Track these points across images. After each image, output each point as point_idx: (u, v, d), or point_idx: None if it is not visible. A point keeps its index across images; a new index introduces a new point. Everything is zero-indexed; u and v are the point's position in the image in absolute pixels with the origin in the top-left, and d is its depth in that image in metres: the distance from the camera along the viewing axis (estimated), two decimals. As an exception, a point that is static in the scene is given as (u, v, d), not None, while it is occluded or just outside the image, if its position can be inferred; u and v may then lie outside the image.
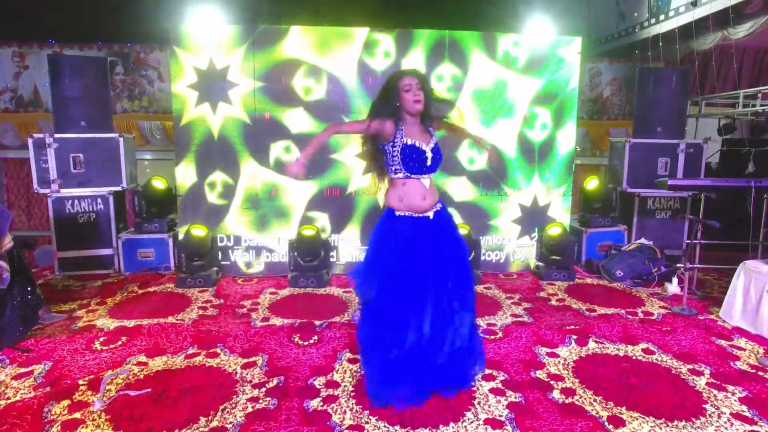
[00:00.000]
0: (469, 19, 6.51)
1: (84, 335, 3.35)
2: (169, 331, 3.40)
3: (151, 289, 4.42)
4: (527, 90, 4.84)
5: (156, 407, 2.45)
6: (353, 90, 4.67)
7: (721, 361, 3.01)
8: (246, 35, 4.60)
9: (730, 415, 2.42)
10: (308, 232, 4.57)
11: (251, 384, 2.70)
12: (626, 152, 5.20)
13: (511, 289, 4.54)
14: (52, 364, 2.92)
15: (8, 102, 6.72)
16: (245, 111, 4.65)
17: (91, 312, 3.84)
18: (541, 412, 2.43)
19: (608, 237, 5.26)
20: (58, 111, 4.81)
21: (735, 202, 5.23)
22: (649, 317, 3.80)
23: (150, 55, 6.86)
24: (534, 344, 3.25)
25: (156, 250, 4.95)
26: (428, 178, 2.56)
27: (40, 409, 2.39)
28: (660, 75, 5.31)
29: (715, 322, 3.66)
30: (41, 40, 6.65)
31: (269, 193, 4.76)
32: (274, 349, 3.15)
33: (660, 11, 6.47)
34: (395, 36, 4.68)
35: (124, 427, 2.29)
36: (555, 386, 2.70)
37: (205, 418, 2.37)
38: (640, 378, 2.79)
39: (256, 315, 3.82)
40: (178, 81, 4.64)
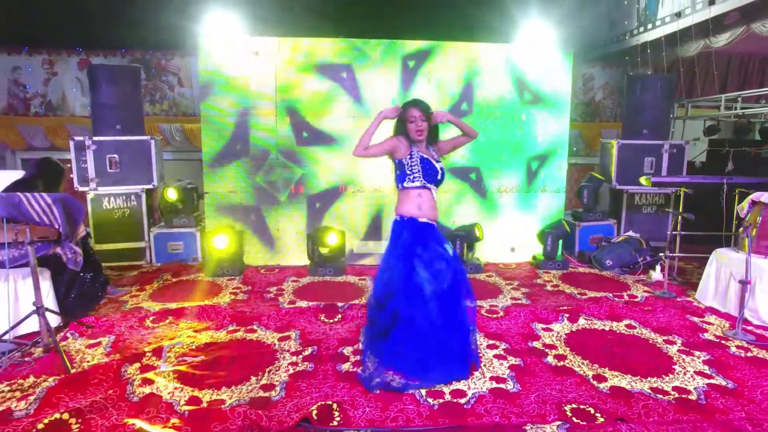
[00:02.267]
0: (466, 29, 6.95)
1: (134, 315, 3.80)
2: (209, 312, 3.85)
3: (183, 278, 4.87)
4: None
5: (212, 369, 2.91)
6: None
7: (691, 333, 3.48)
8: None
9: (694, 372, 2.88)
10: (328, 228, 5.02)
11: (289, 352, 3.16)
12: (615, 152, 5.67)
13: (510, 277, 5.00)
14: (115, 337, 3.37)
15: (38, 107, 7.14)
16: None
17: (134, 297, 4.29)
18: (537, 372, 2.89)
19: (599, 230, 5.73)
20: (96, 116, 5.27)
21: (714, 197, 5.69)
22: (633, 299, 4.27)
23: (170, 62, 7.28)
24: (531, 321, 3.71)
25: (185, 243, 5.40)
26: (435, 191, 2.90)
27: (118, 369, 2.84)
28: (646, 81, 5.78)
29: (690, 303, 4.14)
30: (69, 48, 7.07)
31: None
32: (304, 326, 3.60)
33: (648, 20, 6.94)
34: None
35: (190, 384, 2.74)
36: (549, 353, 3.16)
37: (255, 377, 2.82)
38: (622, 347, 3.26)
39: (283, 299, 4.27)
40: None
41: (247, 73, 5.05)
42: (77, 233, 3.19)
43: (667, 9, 6.54)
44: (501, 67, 5.29)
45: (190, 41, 6.10)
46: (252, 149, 5.15)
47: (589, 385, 2.74)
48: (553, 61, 5.33)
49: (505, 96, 5.31)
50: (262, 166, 5.18)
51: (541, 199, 5.52)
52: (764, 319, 3.59)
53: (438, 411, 2.46)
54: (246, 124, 5.11)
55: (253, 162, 5.17)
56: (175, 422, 2.36)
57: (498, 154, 5.35)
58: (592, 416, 2.42)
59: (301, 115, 5.14)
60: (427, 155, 2.88)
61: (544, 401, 2.54)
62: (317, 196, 5.28)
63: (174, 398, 2.58)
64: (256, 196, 5.24)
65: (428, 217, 2.86)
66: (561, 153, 5.48)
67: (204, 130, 5.10)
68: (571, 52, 5.44)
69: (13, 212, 2.79)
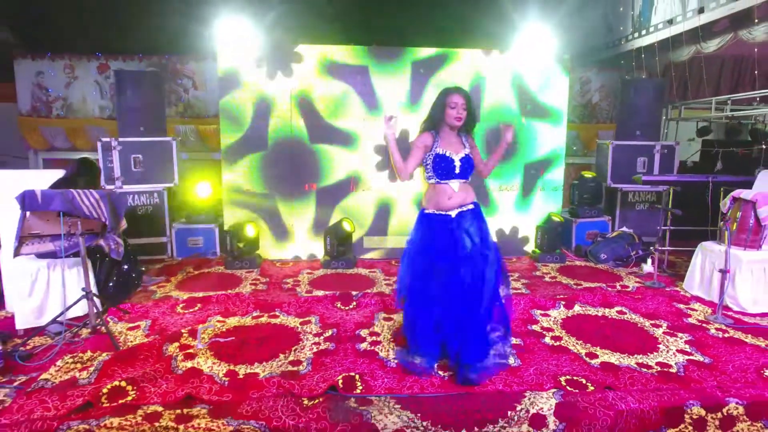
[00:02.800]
0: (466, 35, 7.28)
1: (165, 302, 4.14)
2: (233, 300, 4.18)
3: (205, 270, 5.20)
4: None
5: (243, 348, 3.23)
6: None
7: (676, 318, 3.81)
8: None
9: (676, 350, 3.22)
10: (340, 224, 5.35)
11: (311, 334, 3.49)
12: (610, 153, 6.00)
13: (511, 269, 5.32)
14: (151, 321, 3.70)
15: (59, 109, 7.46)
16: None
17: (162, 287, 4.62)
18: (536, 350, 3.22)
19: (595, 226, 6.06)
20: (122, 118, 5.60)
21: (702, 195, 6.02)
22: (625, 289, 4.60)
23: (186, 66, 7.60)
24: (530, 308, 4.04)
25: (204, 238, 5.73)
26: (457, 183, 2.96)
27: (160, 348, 3.17)
28: (639, 86, 6.11)
29: (678, 292, 4.47)
30: (89, 53, 7.38)
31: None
32: (322, 312, 3.93)
33: (642, 27, 7.27)
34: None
35: (225, 360, 3.07)
36: (546, 335, 3.49)
37: (283, 354, 3.15)
38: (613, 330, 3.59)
39: (300, 289, 4.60)
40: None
41: (263, 77, 5.39)
42: (120, 226, 3.52)
43: (660, 16, 6.87)
44: (503, 74, 5.62)
45: (205, 46, 6.44)
46: (267, 145, 5.47)
47: (581, 361, 3.07)
48: (552, 71, 5.69)
49: (507, 103, 5.65)
50: (276, 162, 5.50)
51: (540, 198, 5.86)
52: (743, 305, 3.92)
53: (448, 381, 2.80)
54: (262, 121, 5.43)
55: (267, 158, 5.49)
56: (217, 390, 2.69)
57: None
58: (584, 385, 2.75)
59: (315, 115, 5.47)
60: (448, 149, 2.93)
61: (541, 373, 2.87)
62: (329, 192, 5.61)
63: (213, 371, 2.92)
64: (270, 191, 5.55)
65: (455, 204, 2.95)
66: (559, 155, 5.82)
67: (222, 125, 5.44)
68: (569, 67, 5.79)
69: (68, 206, 3.12)
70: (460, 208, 2.97)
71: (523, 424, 2.50)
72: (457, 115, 2.90)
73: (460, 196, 2.98)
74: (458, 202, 2.97)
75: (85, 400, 2.52)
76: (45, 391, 2.65)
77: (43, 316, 3.56)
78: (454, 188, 2.96)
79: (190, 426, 2.41)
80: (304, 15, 7.55)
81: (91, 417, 2.43)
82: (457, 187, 2.98)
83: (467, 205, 3.00)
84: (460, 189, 2.98)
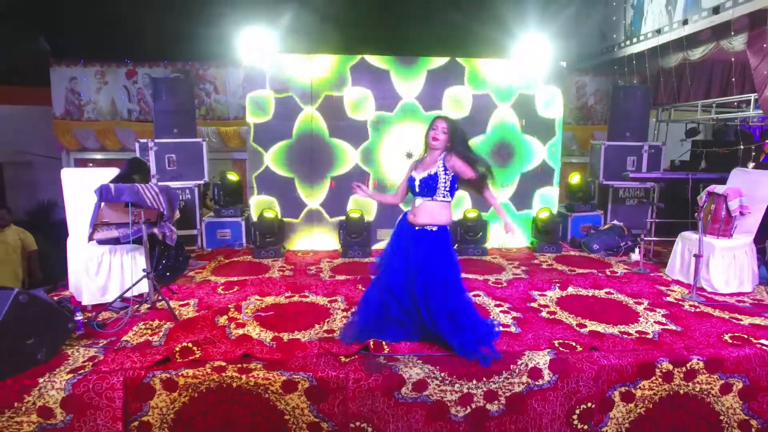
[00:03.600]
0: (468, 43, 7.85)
1: (206, 285, 4.68)
2: (266, 283, 4.72)
3: (234, 259, 5.74)
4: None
5: (282, 321, 3.77)
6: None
7: (657, 297, 4.36)
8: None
9: (654, 322, 3.76)
10: (355, 215, 5.90)
11: (340, 310, 4.03)
12: (602, 152, 6.55)
13: (511, 258, 5.87)
14: (198, 300, 4.24)
15: (90, 112, 8.00)
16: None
17: (199, 273, 5.15)
18: (534, 322, 3.77)
19: (588, 220, 6.60)
20: (157, 121, 6.14)
21: (685, 191, 6.57)
22: (614, 275, 5.15)
23: (207, 72, 8.14)
24: (529, 289, 4.58)
25: (231, 230, 6.28)
26: (420, 201, 3.27)
27: (212, 319, 3.72)
28: (628, 91, 6.66)
29: (660, 277, 5.01)
30: (119, 60, 7.92)
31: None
32: (346, 292, 4.47)
33: (633, 35, 7.80)
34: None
35: (269, 328, 3.61)
36: (543, 310, 4.04)
37: (318, 325, 3.70)
38: (601, 306, 4.13)
39: (323, 274, 5.15)
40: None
41: (286, 83, 5.96)
42: (174, 216, 4.06)
43: (649, 26, 7.40)
44: (506, 82, 6.19)
45: (225, 53, 7.01)
46: (290, 141, 6.05)
47: (572, 330, 3.61)
48: (549, 82, 6.26)
49: (509, 109, 6.23)
50: (296, 158, 6.07)
51: (538, 194, 6.41)
52: (715, 286, 4.46)
53: (460, 344, 3.33)
54: (285, 117, 6.02)
55: (289, 153, 6.06)
56: (267, 350, 3.23)
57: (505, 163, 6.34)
58: (573, 347, 3.29)
59: (333, 115, 6.07)
60: (418, 170, 3.31)
61: (538, 338, 3.41)
62: (344, 186, 6.17)
63: (261, 337, 3.46)
64: (291, 185, 6.12)
65: (418, 222, 3.28)
66: (555, 155, 6.38)
67: (250, 112, 6.04)
68: (562, 86, 6.38)
69: (135, 198, 3.66)
70: (421, 225, 3.27)
71: (523, 376, 3.04)
72: (433, 135, 3.24)
73: (422, 214, 3.25)
74: (420, 220, 3.26)
75: (164, 356, 3.06)
76: (128, 349, 3.20)
77: (105, 294, 4.11)
78: (416, 204, 3.31)
79: (250, 376, 2.96)
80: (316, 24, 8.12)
81: (170, 368, 2.98)
82: (419, 203, 3.28)
83: (430, 226, 3.24)
84: (421, 207, 3.26)
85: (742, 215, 4.50)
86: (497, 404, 3.03)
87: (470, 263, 5.53)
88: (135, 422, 2.94)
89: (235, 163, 8.39)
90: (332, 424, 2.99)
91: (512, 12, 7.64)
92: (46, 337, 3.06)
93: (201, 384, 2.94)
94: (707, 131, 9.42)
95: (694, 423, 3.19)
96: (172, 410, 2.95)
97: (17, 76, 8.26)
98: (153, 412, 2.94)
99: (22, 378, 2.88)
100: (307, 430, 2.99)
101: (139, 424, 2.94)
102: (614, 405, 3.13)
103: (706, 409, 3.18)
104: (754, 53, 5.64)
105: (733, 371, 3.16)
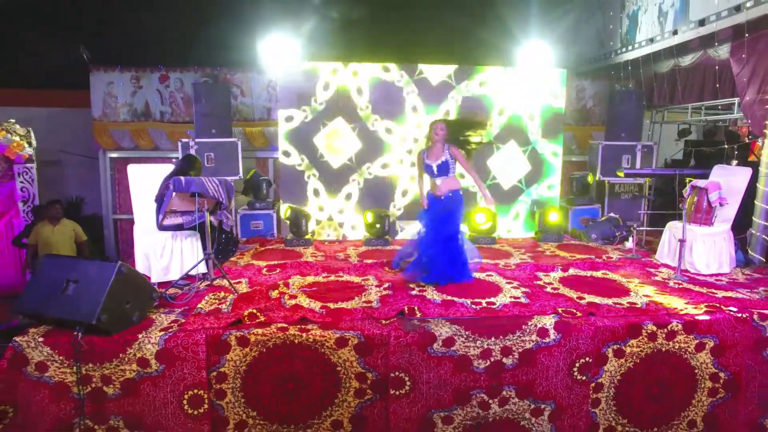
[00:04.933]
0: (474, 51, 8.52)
1: (251, 267, 5.32)
2: (304, 266, 5.36)
3: (269, 247, 6.38)
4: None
5: (325, 294, 4.41)
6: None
7: (646, 277, 5.00)
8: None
9: (642, 295, 4.41)
10: (376, 210, 6.55)
11: (373, 286, 4.67)
12: (599, 151, 7.19)
13: (518, 246, 6.52)
14: (248, 279, 4.88)
15: (126, 114, 8.61)
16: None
17: (239, 258, 5.79)
18: (540, 294, 4.41)
19: (587, 212, 7.25)
20: (198, 122, 6.78)
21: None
22: (610, 259, 5.80)
23: (234, 76, 8.74)
24: (535, 271, 5.23)
25: (264, 221, 6.92)
26: (440, 179, 4.72)
27: (266, 293, 4.36)
28: (623, 95, 7.31)
29: (651, 261, 5.66)
30: (152, 66, 8.54)
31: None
32: (375, 273, 5.12)
33: (628, 43, 8.44)
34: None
35: (317, 299, 4.25)
36: (547, 286, 4.68)
37: (357, 297, 4.34)
38: (597, 284, 4.78)
39: (352, 259, 5.79)
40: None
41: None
42: (230, 205, 4.70)
43: (643, 35, 8.03)
44: (508, 90, 6.84)
45: (251, 59, 7.67)
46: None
47: (573, 301, 4.25)
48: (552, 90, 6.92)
49: (510, 115, 6.88)
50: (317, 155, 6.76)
51: (541, 191, 7.08)
52: (698, 268, 5.11)
53: (479, 311, 3.98)
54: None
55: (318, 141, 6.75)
56: (319, 315, 3.88)
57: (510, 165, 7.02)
58: (574, 313, 3.93)
59: (352, 117, 6.72)
60: (429, 159, 4.74)
61: (544, 306, 4.06)
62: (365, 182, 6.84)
63: (311, 306, 4.10)
64: (316, 181, 6.78)
65: (442, 192, 4.74)
66: (556, 156, 7.04)
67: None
68: (561, 101, 7.03)
69: (201, 189, 4.30)
70: (443, 194, 4.76)
71: (533, 334, 3.69)
72: (435, 133, 4.70)
73: (442, 187, 4.74)
74: (442, 191, 4.75)
75: (236, 318, 3.71)
76: (203, 315, 3.85)
77: (168, 274, 4.75)
78: (437, 183, 4.77)
79: (309, 334, 3.60)
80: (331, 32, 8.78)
81: (242, 328, 3.63)
82: (440, 182, 4.73)
83: (446, 194, 4.74)
84: (442, 183, 4.73)
85: (721, 206, 5.15)
86: (512, 358, 3.68)
87: (481, 250, 6.12)
88: (214, 372, 3.59)
89: (259, 161, 9.02)
90: (376, 374, 3.64)
91: (517, 22, 8.30)
92: (138, 302, 3.71)
93: (268, 341, 3.59)
94: (699, 132, 10.07)
95: (674, 375, 3.84)
96: (244, 363, 3.60)
97: (58, 80, 8.91)
98: (228, 364, 3.59)
99: (125, 334, 3.52)
100: (355, 379, 3.64)
101: (217, 374, 3.59)
102: (608, 360, 3.78)
103: (683, 363, 3.83)
104: (736, 61, 6.28)
105: (705, 332, 3.81)
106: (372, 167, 6.87)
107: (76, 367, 3.45)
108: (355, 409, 3.67)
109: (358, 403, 3.67)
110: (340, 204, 6.89)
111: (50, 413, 3.49)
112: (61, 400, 3.49)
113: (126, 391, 3.52)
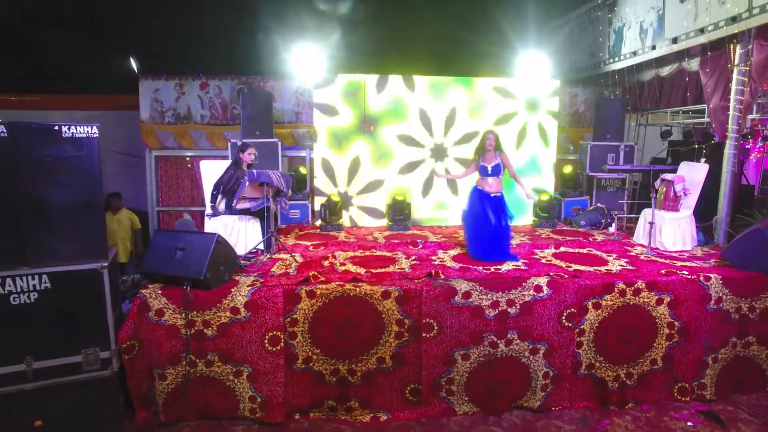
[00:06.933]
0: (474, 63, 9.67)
1: (298, 246, 6.44)
2: (342, 244, 6.49)
3: (307, 231, 7.51)
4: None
5: (366, 264, 5.54)
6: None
7: (623, 253, 6.14)
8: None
9: (618, 265, 5.54)
10: (399, 198, 7.68)
11: (404, 258, 5.80)
12: (588, 151, 8.34)
13: (517, 231, 7.63)
14: (299, 253, 6.00)
15: (170, 117, 9.72)
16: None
17: (285, 240, 6.92)
18: (536, 264, 5.54)
19: (577, 203, 8.39)
20: (244, 125, 7.91)
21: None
22: (595, 240, 6.94)
23: (267, 83, 9.84)
24: (532, 248, 6.36)
25: (300, 210, 8.04)
26: (492, 179, 5.65)
27: (320, 261, 5.48)
28: (608, 102, 8.47)
29: (629, 242, 6.81)
30: (194, 74, 9.65)
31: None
32: (404, 249, 6.24)
33: (615, 54, 9.58)
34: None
35: (361, 266, 5.37)
36: (542, 259, 5.82)
37: (392, 265, 5.46)
38: (583, 258, 5.92)
39: (380, 240, 6.92)
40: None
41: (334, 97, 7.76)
42: (288, 193, 5.82)
43: (628, 48, 9.17)
44: (510, 97, 7.98)
45: (281, 69, 8.79)
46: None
47: (563, 268, 5.38)
48: (548, 93, 8.04)
49: (512, 119, 8.02)
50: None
51: (536, 184, 8.22)
52: (666, 246, 6.25)
53: (489, 274, 5.11)
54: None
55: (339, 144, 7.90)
56: (366, 277, 5.00)
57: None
58: (563, 276, 5.06)
59: (372, 121, 7.88)
60: (485, 161, 5.69)
61: (540, 271, 5.18)
62: (385, 177, 7.95)
63: (358, 271, 5.22)
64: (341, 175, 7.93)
65: (493, 191, 5.69)
66: (551, 156, 8.19)
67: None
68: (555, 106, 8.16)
69: (268, 179, 5.42)
70: (495, 193, 5.68)
71: (530, 290, 4.83)
72: (488, 143, 5.68)
73: (494, 186, 5.68)
74: (493, 190, 5.68)
75: (304, 277, 4.83)
76: (275, 277, 4.97)
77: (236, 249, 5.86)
78: (488, 181, 5.67)
79: (361, 289, 4.73)
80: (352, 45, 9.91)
81: (309, 284, 4.75)
82: (491, 180, 5.66)
83: (497, 193, 5.68)
84: (493, 182, 5.67)
85: (685, 195, 6.29)
86: (514, 308, 4.81)
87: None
88: (288, 318, 4.70)
89: (288, 159, 10.14)
90: (411, 320, 4.76)
91: (516, 35, 9.45)
92: (228, 265, 4.82)
93: (330, 294, 4.71)
94: (680, 133, 11.22)
95: (639, 323, 4.97)
96: (312, 311, 4.71)
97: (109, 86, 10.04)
98: (299, 312, 4.70)
99: (221, 288, 4.64)
100: (395, 323, 4.76)
101: (290, 320, 4.70)
102: (588, 311, 4.91)
103: (646, 314, 4.97)
104: (704, 74, 7.41)
105: (664, 290, 4.94)
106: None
107: (185, 313, 4.56)
108: (395, 348, 4.79)
109: (397, 343, 4.79)
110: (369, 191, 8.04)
111: (165, 349, 4.59)
112: (172, 338, 4.59)
113: (221, 333, 4.62)
